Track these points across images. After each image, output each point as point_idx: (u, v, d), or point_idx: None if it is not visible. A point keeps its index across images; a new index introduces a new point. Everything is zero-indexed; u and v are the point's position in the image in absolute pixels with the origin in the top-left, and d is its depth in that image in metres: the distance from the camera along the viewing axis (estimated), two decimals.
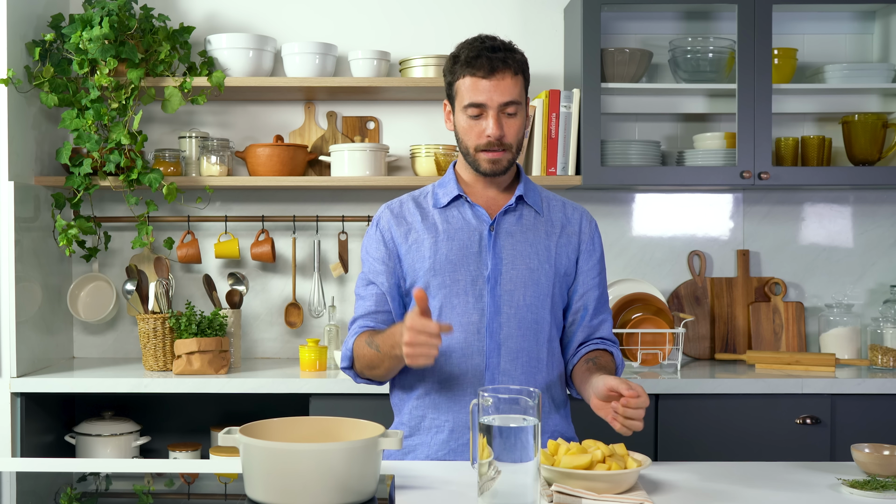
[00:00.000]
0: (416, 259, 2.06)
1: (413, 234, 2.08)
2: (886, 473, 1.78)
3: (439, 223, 2.08)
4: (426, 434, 2.06)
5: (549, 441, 1.77)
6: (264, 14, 3.38)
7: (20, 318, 2.94)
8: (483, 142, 2.00)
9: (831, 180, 3.13)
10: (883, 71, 3.20)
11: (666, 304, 3.19)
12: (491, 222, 2.06)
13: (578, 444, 1.75)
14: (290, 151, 3.16)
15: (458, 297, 2.03)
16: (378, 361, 1.99)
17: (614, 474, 1.65)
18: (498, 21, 3.32)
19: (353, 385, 2.85)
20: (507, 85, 1.98)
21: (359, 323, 2.09)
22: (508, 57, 1.99)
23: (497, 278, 2.03)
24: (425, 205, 2.11)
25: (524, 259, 2.04)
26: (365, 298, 2.10)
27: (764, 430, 2.87)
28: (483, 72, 1.97)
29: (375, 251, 2.10)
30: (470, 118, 2.01)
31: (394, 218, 2.10)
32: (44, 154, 3.17)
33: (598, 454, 1.69)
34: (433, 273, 2.04)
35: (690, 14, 3.37)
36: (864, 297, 3.41)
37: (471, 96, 1.99)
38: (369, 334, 2.03)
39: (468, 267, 2.03)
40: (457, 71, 2.01)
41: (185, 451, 3.10)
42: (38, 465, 1.97)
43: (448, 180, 2.11)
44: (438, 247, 2.05)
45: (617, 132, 3.41)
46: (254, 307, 3.38)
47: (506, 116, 2.00)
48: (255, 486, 1.59)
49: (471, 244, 2.05)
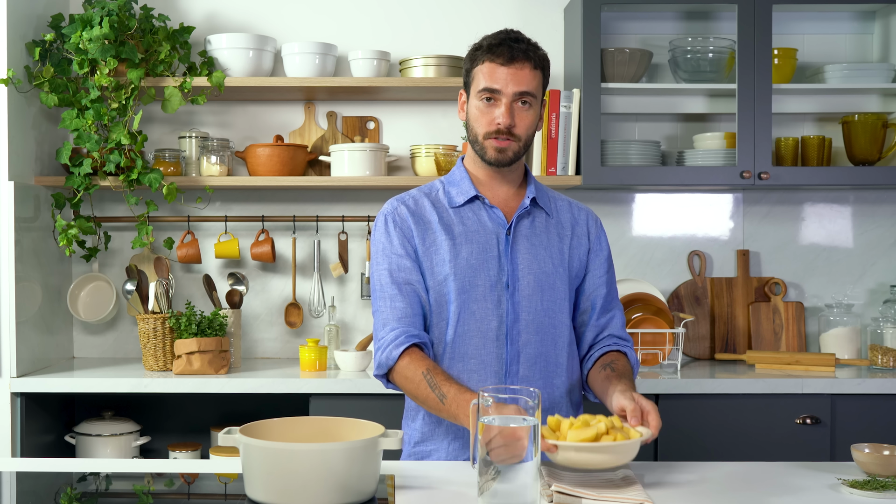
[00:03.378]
0: (434, 262, 2.01)
1: (430, 235, 2.02)
2: (886, 473, 1.78)
3: (455, 224, 2.03)
4: (443, 440, 2.04)
5: (549, 417, 1.76)
6: (264, 14, 3.38)
7: (20, 318, 2.94)
8: (493, 129, 1.97)
9: (831, 180, 3.13)
10: (883, 71, 3.20)
11: (666, 304, 3.19)
12: (508, 226, 2.03)
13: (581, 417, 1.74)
14: (290, 151, 3.16)
15: (476, 302, 1.99)
16: (435, 407, 1.89)
17: (620, 445, 1.65)
18: (498, 21, 3.32)
19: (353, 385, 2.85)
20: (525, 75, 1.95)
21: (399, 329, 1.97)
22: (531, 49, 1.97)
23: (515, 284, 2.00)
24: (440, 203, 2.06)
25: (540, 263, 2.02)
26: (395, 299, 2.00)
27: (764, 430, 2.87)
28: (503, 59, 1.95)
29: (399, 248, 2.02)
30: (483, 103, 1.98)
31: (411, 215, 2.04)
32: (44, 154, 3.17)
33: (602, 426, 1.69)
34: (453, 277, 1.99)
35: (690, 14, 3.37)
36: (864, 297, 3.41)
37: (486, 81, 1.96)
38: (428, 368, 1.91)
39: (488, 272, 2.00)
40: (477, 57, 1.99)
41: (185, 451, 3.10)
42: (38, 465, 1.97)
43: (460, 178, 2.07)
44: (458, 250, 2.00)
45: (617, 132, 3.41)
46: (254, 307, 3.38)
47: (519, 106, 1.97)
48: (255, 486, 1.59)
49: (489, 248, 2.01)
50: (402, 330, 1.97)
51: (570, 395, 2.07)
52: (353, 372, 3.01)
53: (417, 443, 2.08)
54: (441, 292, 2.01)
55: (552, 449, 1.65)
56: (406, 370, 1.94)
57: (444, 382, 1.87)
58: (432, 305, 2.02)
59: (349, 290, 3.39)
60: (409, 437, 2.10)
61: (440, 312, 2.02)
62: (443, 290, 2.01)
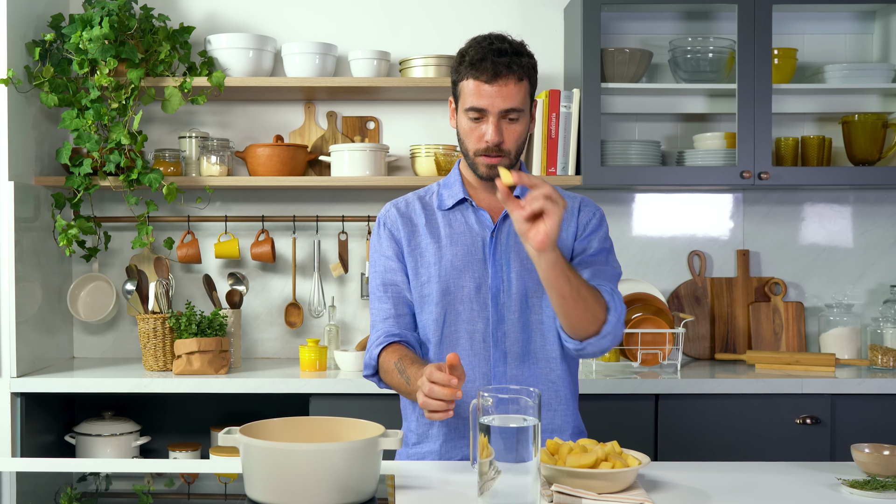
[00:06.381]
0: (419, 264, 2.05)
1: (417, 238, 2.06)
2: (886, 473, 1.78)
3: (442, 227, 2.06)
4: (434, 442, 2.05)
5: (548, 441, 1.77)
6: (264, 14, 3.38)
7: (20, 318, 2.94)
8: (482, 146, 1.97)
9: (831, 180, 3.13)
10: (883, 71, 3.20)
11: (666, 304, 3.19)
12: (493, 228, 2.04)
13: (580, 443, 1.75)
14: (290, 151, 3.16)
15: (462, 304, 2.02)
16: (405, 390, 1.96)
17: (618, 472, 1.65)
18: (498, 21, 3.32)
19: (353, 385, 2.86)
20: (510, 91, 1.93)
21: (382, 330, 2.05)
22: (514, 62, 1.93)
23: (499, 285, 2.02)
24: (430, 206, 2.10)
25: (524, 262, 2.02)
26: (383, 301, 2.07)
27: (764, 430, 2.87)
28: (486, 76, 1.92)
29: (388, 249, 2.08)
30: (471, 121, 1.98)
31: (401, 217, 2.08)
32: (44, 154, 3.17)
33: (601, 452, 1.69)
34: (438, 279, 2.02)
35: (690, 14, 3.37)
36: (864, 297, 3.41)
37: (472, 100, 1.95)
38: (400, 357, 1.97)
39: (473, 274, 2.02)
40: (461, 71, 1.97)
41: (185, 451, 3.10)
42: (38, 465, 1.97)
43: (453, 181, 2.09)
44: (443, 252, 2.04)
45: (617, 132, 3.41)
46: (254, 307, 3.38)
47: (507, 122, 1.96)
48: (255, 486, 1.59)
49: (474, 250, 2.03)
50: (384, 330, 2.04)
51: (574, 396, 2.08)
52: (353, 372, 3.01)
53: (414, 444, 2.09)
54: (426, 294, 2.04)
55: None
56: (384, 363, 2.00)
57: (409, 365, 1.92)
58: (419, 307, 2.06)
59: (349, 290, 3.39)
60: (406, 437, 2.11)
61: (427, 314, 2.04)
62: (428, 292, 2.03)
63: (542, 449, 1.73)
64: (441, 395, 1.70)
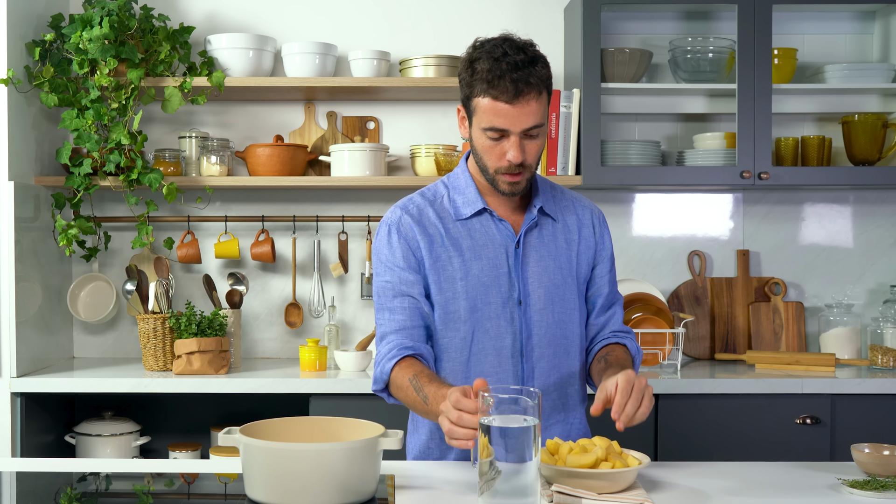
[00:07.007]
0: (443, 278, 1.95)
1: (437, 249, 1.95)
2: (886, 473, 1.78)
3: (463, 238, 1.96)
4: (450, 454, 2.02)
5: (548, 441, 1.77)
6: (264, 14, 3.38)
7: (20, 318, 2.94)
8: (503, 165, 1.87)
9: (831, 180, 3.13)
10: (883, 71, 3.20)
11: (666, 304, 3.19)
12: (517, 239, 1.97)
13: (580, 443, 1.75)
14: (290, 151, 3.16)
15: (490, 320, 1.94)
16: (421, 409, 1.84)
17: (618, 472, 1.65)
18: (498, 21, 3.32)
19: (353, 385, 2.85)
20: (532, 109, 1.83)
21: (394, 342, 1.93)
22: (532, 75, 1.82)
23: (527, 299, 1.96)
24: (445, 214, 1.98)
25: (550, 276, 1.97)
26: (395, 311, 1.95)
27: (764, 430, 2.87)
28: (506, 97, 1.81)
29: (402, 260, 1.95)
30: (490, 140, 1.87)
31: (417, 225, 1.96)
32: (44, 154, 3.17)
33: (601, 452, 1.69)
34: (466, 296, 1.94)
35: (690, 14, 3.37)
36: (864, 297, 3.41)
37: (491, 120, 1.84)
38: (415, 373, 1.85)
39: (499, 288, 1.95)
40: (475, 86, 1.85)
41: (185, 451, 3.10)
42: (38, 465, 1.97)
43: (465, 184, 1.99)
44: (468, 267, 1.94)
45: (617, 132, 3.41)
46: (254, 307, 3.38)
47: (528, 139, 1.87)
48: (255, 486, 1.59)
49: (499, 263, 1.95)
50: (396, 342, 1.92)
51: (584, 401, 2.07)
52: (353, 372, 3.01)
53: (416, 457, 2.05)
54: (451, 311, 1.96)
55: None
56: (397, 379, 1.89)
57: (427, 384, 1.81)
58: (443, 323, 1.97)
59: (349, 290, 3.39)
60: (411, 446, 2.07)
61: (454, 331, 1.96)
62: (454, 309, 1.95)
63: (542, 449, 1.73)
64: (470, 424, 1.59)
